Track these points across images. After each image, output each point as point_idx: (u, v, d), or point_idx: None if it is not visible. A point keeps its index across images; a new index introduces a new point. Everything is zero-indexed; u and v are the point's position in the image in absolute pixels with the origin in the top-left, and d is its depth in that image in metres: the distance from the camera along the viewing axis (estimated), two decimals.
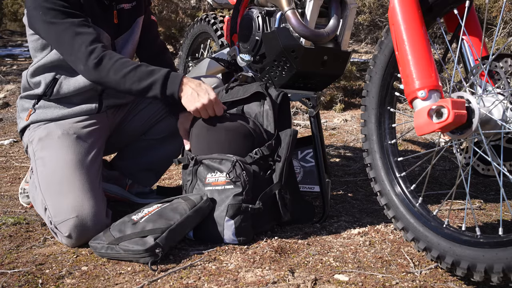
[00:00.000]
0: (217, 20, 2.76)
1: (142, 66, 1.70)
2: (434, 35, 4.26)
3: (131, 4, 1.95)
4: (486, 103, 1.32)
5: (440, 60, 1.51)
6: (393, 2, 1.40)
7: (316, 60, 1.83)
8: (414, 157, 2.62)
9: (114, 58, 1.70)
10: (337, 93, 4.50)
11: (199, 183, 1.75)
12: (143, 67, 1.70)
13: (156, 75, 1.68)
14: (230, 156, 1.70)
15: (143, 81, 1.68)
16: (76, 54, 1.70)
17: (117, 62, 1.69)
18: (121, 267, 1.49)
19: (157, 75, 1.68)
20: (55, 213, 1.65)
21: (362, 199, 2.17)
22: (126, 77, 1.68)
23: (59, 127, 1.84)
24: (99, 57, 1.68)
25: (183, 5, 5.82)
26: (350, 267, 1.48)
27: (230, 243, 1.64)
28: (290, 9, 1.76)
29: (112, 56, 1.70)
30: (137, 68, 1.69)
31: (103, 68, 1.68)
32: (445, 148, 1.49)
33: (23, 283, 1.38)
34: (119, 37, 1.94)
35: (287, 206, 1.75)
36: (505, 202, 1.61)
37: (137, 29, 2.00)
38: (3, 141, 3.41)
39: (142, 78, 1.68)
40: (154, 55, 2.07)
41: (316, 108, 1.97)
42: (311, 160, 2.15)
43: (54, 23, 1.70)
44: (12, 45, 8.53)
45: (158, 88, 1.68)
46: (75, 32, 1.69)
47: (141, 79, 1.68)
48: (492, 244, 1.23)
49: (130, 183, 2.15)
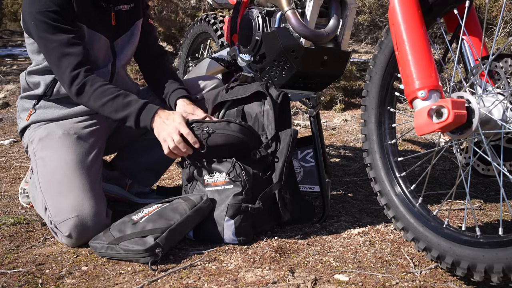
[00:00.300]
0: (217, 20, 2.76)
1: (120, 97, 1.74)
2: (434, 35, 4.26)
3: (129, 5, 1.94)
4: (486, 103, 1.32)
5: (440, 60, 1.50)
6: (393, 2, 1.40)
7: (316, 60, 1.83)
8: (414, 157, 2.62)
9: (95, 85, 1.74)
10: (337, 93, 4.50)
11: (199, 184, 1.75)
12: (120, 98, 1.74)
13: (131, 108, 1.73)
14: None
15: (119, 112, 1.74)
16: (62, 76, 1.76)
17: (97, 90, 1.73)
18: (121, 267, 1.49)
19: (131, 108, 1.73)
20: (55, 212, 1.65)
21: (362, 199, 2.17)
22: (105, 106, 1.74)
23: (60, 127, 1.84)
24: (81, 83, 1.73)
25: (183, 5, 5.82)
26: (350, 267, 1.48)
27: (230, 243, 1.64)
28: (290, 9, 1.76)
29: (93, 83, 1.74)
30: (115, 98, 1.74)
31: (84, 95, 1.75)
32: (445, 148, 1.49)
33: (23, 283, 1.38)
34: (118, 39, 1.94)
35: (287, 206, 1.75)
36: (505, 202, 1.62)
37: (136, 32, 1.99)
38: (3, 141, 3.41)
39: (118, 109, 1.74)
40: (152, 59, 2.07)
41: (316, 108, 1.97)
42: (311, 160, 2.15)
43: (44, 38, 1.74)
44: (12, 45, 8.53)
45: (132, 121, 1.74)
46: (63, 53, 1.73)
47: (118, 110, 1.74)
48: (492, 244, 1.23)
49: (130, 183, 2.15)
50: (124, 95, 1.76)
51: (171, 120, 1.72)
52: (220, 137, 1.69)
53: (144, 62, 2.09)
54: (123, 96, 1.75)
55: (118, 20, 1.91)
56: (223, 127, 1.71)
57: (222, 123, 1.72)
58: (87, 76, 1.74)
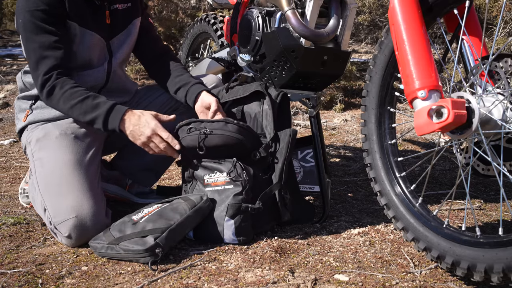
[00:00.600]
0: (217, 20, 2.76)
1: (88, 99, 1.73)
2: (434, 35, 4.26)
3: (126, 4, 1.94)
4: (486, 103, 1.32)
5: (440, 60, 1.50)
6: (393, 2, 1.40)
7: (316, 60, 1.83)
8: (414, 157, 2.62)
9: (65, 88, 1.73)
10: (337, 93, 4.50)
11: (199, 184, 1.75)
12: (89, 100, 1.73)
13: (99, 110, 1.72)
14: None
15: (87, 115, 1.73)
16: (36, 79, 1.76)
17: (66, 93, 1.73)
18: (121, 267, 1.49)
19: (100, 110, 1.72)
20: (55, 213, 1.65)
21: (362, 199, 2.17)
22: (73, 108, 1.73)
23: (57, 127, 1.84)
24: (51, 86, 1.73)
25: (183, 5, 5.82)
26: (350, 267, 1.48)
27: (230, 243, 1.64)
28: (290, 9, 1.76)
29: (63, 86, 1.74)
30: (84, 100, 1.73)
31: (54, 97, 1.74)
32: (445, 148, 1.49)
33: (23, 283, 1.38)
34: (114, 38, 1.93)
35: (287, 206, 1.75)
36: (505, 202, 1.62)
37: (134, 30, 1.99)
38: (3, 141, 3.41)
39: (87, 111, 1.73)
40: (158, 56, 2.06)
41: (316, 108, 1.97)
42: (311, 160, 2.15)
43: (28, 38, 1.75)
44: (12, 45, 8.53)
45: (100, 123, 1.73)
46: (41, 55, 1.74)
47: (86, 112, 1.73)
48: (492, 244, 1.23)
49: (130, 183, 2.15)
50: (94, 97, 1.75)
51: (144, 123, 1.71)
52: (218, 137, 1.69)
53: (148, 61, 2.08)
54: (92, 98, 1.74)
55: (113, 19, 1.91)
56: (221, 128, 1.70)
57: (220, 123, 1.72)
58: (58, 79, 1.74)
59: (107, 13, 1.88)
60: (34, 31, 1.73)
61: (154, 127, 1.70)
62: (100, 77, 1.91)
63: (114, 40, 1.94)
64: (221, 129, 1.70)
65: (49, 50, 1.74)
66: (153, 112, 1.76)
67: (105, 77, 1.93)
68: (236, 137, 1.69)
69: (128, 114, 1.73)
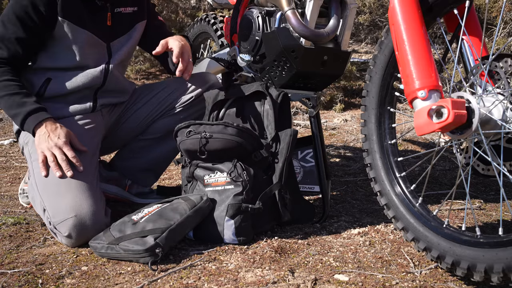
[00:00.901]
0: (217, 20, 2.76)
1: (18, 95, 1.74)
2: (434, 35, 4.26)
3: (132, 8, 1.95)
4: (486, 103, 1.32)
5: (440, 60, 1.51)
6: (393, 2, 1.40)
7: (316, 60, 1.83)
8: (414, 157, 2.62)
9: (1, 78, 1.75)
10: (337, 93, 4.50)
11: (199, 184, 1.75)
12: (18, 97, 1.74)
13: (22, 109, 1.74)
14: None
15: (11, 109, 1.75)
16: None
17: (1, 83, 1.74)
18: (121, 267, 1.49)
19: (22, 109, 1.74)
20: (54, 213, 1.65)
21: (362, 199, 2.17)
22: (2, 99, 1.76)
23: None
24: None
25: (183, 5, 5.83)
26: (350, 267, 1.48)
27: (230, 243, 1.64)
28: (290, 9, 1.76)
29: (0, 75, 1.74)
30: (14, 95, 1.74)
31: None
32: (445, 148, 1.49)
33: (23, 283, 1.38)
34: (115, 40, 1.93)
35: (287, 206, 1.75)
36: (505, 202, 1.61)
37: (135, 34, 1.99)
38: (3, 141, 3.41)
39: (12, 106, 1.75)
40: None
41: (316, 108, 1.96)
42: (311, 160, 2.15)
43: (1, 22, 1.77)
44: None
45: (18, 121, 1.75)
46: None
47: (11, 106, 1.75)
48: (492, 244, 1.23)
49: (130, 183, 2.15)
50: (24, 95, 1.75)
51: (56, 135, 1.71)
52: (218, 142, 1.69)
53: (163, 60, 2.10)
54: (22, 95, 1.75)
55: (115, 22, 1.91)
56: (220, 131, 1.70)
57: (219, 127, 1.71)
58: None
59: (108, 15, 1.88)
60: (7, 19, 1.76)
61: (62, 143, 1.71)
62: (97, 77, 1.91)
63: (115, 43, 1.94)
64: (221, 133, 1.69)
65: (7, 42, 1.76)
66: (72, 133, 1.77)
67: (102, 78, 1.93)
68: (236, 141, 1.69)
69: (48, 121, 1.74)
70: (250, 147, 1.73)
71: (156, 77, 5.80)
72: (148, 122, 2.06)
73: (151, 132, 2.07)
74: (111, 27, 1.90)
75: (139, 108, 2.06)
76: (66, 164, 1.69)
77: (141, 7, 1.98)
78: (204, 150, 1.69)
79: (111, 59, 1.94)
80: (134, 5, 1.96)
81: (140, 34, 2.02)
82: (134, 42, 2.00)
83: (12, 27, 1.75)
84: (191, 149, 1.73)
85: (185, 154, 1.79)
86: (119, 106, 2.06)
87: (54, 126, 1.73)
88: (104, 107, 2.01)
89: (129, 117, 2.06)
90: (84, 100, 1.93)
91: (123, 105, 2.07)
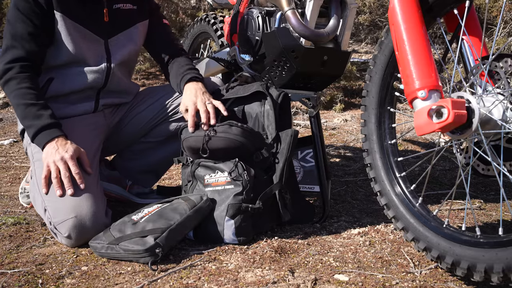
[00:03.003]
0: (217, 20, 2.76)
1: (35, 106, 1.73)
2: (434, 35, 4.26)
3: (131, 6, 1.94)
4: (486, 103, 1.32)
5: (440, 60, 1.51)
6: (393, 2, 1.40)
7: (316, 60, 1.83)
8: (414, 157, 2.62)
9: (21, 85, 1.74)
10: (337, 93, 4.50)
11: (199, 184, 1.75)
12: (34, 108, 1.73)
13: (37, 122, 1.72)
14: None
15: (25, 120, 1.74)
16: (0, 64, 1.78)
17: (19, 90, 1.74)
18: (121, 267, 1.49)
19: (37, 122, 1.72)
20: (54, 213, 1.65)
21: (362, 199, 2.17)
22: (18, 107, 1.75)
23: None
24: (11, 77, 1.75)
25: (183, 5, 5.83)
26: (350, 267, 1.48)
27: (230, 243, 1.64)
28: (290, 9, 1.76)
29: (20, 82, 1.74)
30: (30, 106, 1.73)
31: (8, 88, 1.76)
32: (445, 148, 1.49)
33: (23, 283, 1.38)
34: (113, 37, 1.93)
35: (287, 206, 1.75)
36: (505, 202, 1.62)
37: (137, 33, 1.98)
38: (3, 141, 3.41)
39: (26, 116, 1.73)
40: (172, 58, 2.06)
41: (316, 108, 1.97)
42: (311, 160, 2.15)
43: (8, 23, 1.78)
44: None
45: (30, 134, 1.74)
46: (11, 44, 1.77)
47: (25, 117, 1.74)
48: (492, 244, 1.23)
49: (130, 184, 2.15)
50: (41, 106, 1.74)
51: (64, 150, 1.69)
52: (222, 140, 1.69)
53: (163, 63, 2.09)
54: (38, 107, 1.74)
55: (112, 18, 1.90)
56: (224, 130, 1.70)
57: (224, 126, 1.71)
58: (20, 73, 1.75)
59: (105, 11, 1.88)
60: (14, 20, 1.76)
61: (69, 157, 1.68)
62: (98, 77, 1.91)
63: (113, 40, 1.93)
64: (225, 132, 1.70)
65: (21, 40, 1.76)
66: (82, 150, 1.75)
67: (104, 78, 1.92)
68: (240, 141, 1.69)
69: (60, 138, 1.72)
70: (253, 148, 1.73)
71: (156, 77, 5.81)
72: (151, 125, 2.05)
73: (153, 135, 2.07)
74: (109, 23, 1.90)
75: (142, 110, 2.05)
76: (68, 181, 1.66)
77: (140, 6, 1.98)
78: (206, 148, 1.69)
79: (111, 58, 1.93)
80: (133, 3, 1.95)
81: (144, 36, 2.02)
82: (137, 41, 1.99)
83: (21, 24, 1.75)
84: (194, 147, 1.73)
85: (188, 152, 1.79)
86: (123, 107, 2.06)
87: (65, 142, 1.72)
88: (106, 108, 2.00)
89: (132, 119, 2.05)
90: (86, 100, 1.93)
91: (126, 106, 2.06)
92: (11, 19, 1.77)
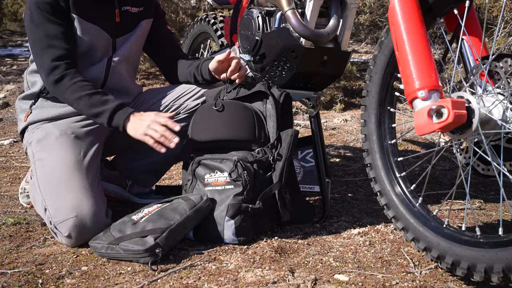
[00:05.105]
0: (217, 20, 2.77)
1: (98, 94, 1.76)
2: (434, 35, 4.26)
3: (138, 8, 1.97)
4: (486, 103, 1.32)
5: (440, 60, 1.51)
6: (393, 2, 1.40)
7: (316, 60, 1.83)
8: (414, 157, 2.62)
9: (75, 79, 1.76)
10: (337, 93, 4.50)
11: (199, 184, 1.75)
12: (98, 95, 1.76)
13: (107, 106, 1.74)
14: (231, 156, 1.70)
15: (94, 108, 1.75)
16: (42, 65, 1.78)
17: (76, 84, 1.75)
18: (121, 267, 1.49)
19: (108, 106, 1.74)
20: (55, 213, 1.65)
21: (362, 199, 2.17)
22: (81, 99, 1.75)
23: (57, 127, 1.84)
24: (61, 74, 1.76)
25: (183, 5, 5.83)
26: (350, 267, 1.48)
27: (230, 243, 1.64)
28: (290, 9, 1.76)
29: (73, 77, 1.76)
30: (93, 94, 1.75)
31: (62, 86, 1.76)
32: (445, 148, 1.49)
33: (23, 283, 1.38)
34: (120, 37, 1.94)
35: (287, 206, 1.75)
36: (505, 202, 1.61)
37: (139, 30, 1.99)
38: (3, 141, 3.41)
39: (94, 104, 1.75)
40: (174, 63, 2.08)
41: (316, 108, 1.97)
42: (311, 160, 2.15)
43: (34, 28, 1.77)
44: (12, 45, 8.52)
45: (105, 118, 1.74)
46: (48, 44, 1.76)
47: (93, 105, 1.75)
48: (492, 244, 1.23)
49: (130, 184, 2.15)
50: (103, 93, 1.78)
51: (145, 117, 1.72)
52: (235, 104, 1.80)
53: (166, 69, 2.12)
54: (101, 94, 1.77)
55: (122, 19, 1.93)
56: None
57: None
58: (68, 69, 1.77)
59: (116, 12, 1.90)
60: (41, 20, 1.76)
61: (154, 116, 1.72)
62: (99, 71, 1.91)
63: (120, 39, 1.95)
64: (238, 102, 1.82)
65: (56, 39, 1.77)
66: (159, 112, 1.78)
67: (104, 73, 1.92)
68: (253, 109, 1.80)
69: (134, 114, 1.75)
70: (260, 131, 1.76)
71: (156, 77, 5.80)
72: None
73: None
74: (119, 24, 1.92)
75: (143, 111, 2.05)
76: (169, 133, 1.68)
77: (147, 7, 2.00)
78: (221, 102, 1.78)
79: (113, 54, 1.94)
80: (140, 5, 1.97)
81: (146, 32, 2.03)
82: (138, 37, 2.00)
83: (51, 24, 1.76)
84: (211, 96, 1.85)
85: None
86: None
87: (140, 113, 1.75)
88: None
89: None
90: None
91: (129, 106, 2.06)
92: (37, 21, 1.76)
